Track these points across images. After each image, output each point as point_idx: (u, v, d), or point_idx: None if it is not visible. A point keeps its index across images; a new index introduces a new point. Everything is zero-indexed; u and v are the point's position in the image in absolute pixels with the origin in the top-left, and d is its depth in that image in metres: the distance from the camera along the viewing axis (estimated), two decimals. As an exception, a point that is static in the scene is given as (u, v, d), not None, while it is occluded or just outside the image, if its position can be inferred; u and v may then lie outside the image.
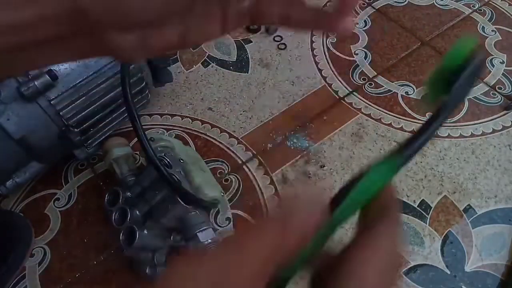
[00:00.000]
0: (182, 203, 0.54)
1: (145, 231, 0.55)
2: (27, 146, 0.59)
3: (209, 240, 0.55)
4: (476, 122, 0.79)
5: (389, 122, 0.79)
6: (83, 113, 0.62)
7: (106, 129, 0.68)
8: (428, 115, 0.20)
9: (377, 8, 1.00)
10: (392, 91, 0.84)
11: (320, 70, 0.87)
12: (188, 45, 0.22)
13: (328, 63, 0.89)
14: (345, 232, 0.24)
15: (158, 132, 0.78)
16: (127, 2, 0.18)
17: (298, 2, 0.22)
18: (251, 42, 0.93)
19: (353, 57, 0.90)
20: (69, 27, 0.19)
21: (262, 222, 0.19)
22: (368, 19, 0.98)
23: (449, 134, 0.77)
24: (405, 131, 0.77)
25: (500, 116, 0.79)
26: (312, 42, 0.93)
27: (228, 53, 0.91)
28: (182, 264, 0.17)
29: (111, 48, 0.20)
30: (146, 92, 0.71)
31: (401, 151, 0.19)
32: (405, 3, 1.01)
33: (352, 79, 0.86)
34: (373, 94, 0.83)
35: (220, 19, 0.22)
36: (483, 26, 0.95)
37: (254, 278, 0.17)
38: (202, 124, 0.79)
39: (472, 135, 0.77)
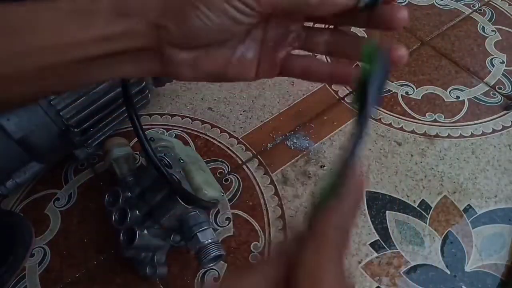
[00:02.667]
0: (182, 203, 0.54)
1: (145, 231, 0.55)
2: (27, 146, 0.59)
3: (209, 240, 0.55)
4: (476, 122, 0.79)
5: (389, 122, 0.79)
6: (83, 113, 0.62)
7: (106, 129, 0.68)
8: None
9: (377, 8, 1.00)
10: (392, 91, 0.84)
11: (320, 70, 0.87)
12: (227, 76, 0.27)
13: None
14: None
15: (158, 132, 0.78)
16: (195, 26, 0.23)
17: (316, 59, 0.27)
18: (251, 42, 0.93)
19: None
20: (146, 41, 0.23)
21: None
22: (368, 19, 0.98)
23: (449, 134, 0.77)
24: (405, 131, 0.77)
25: (500, 116, 0.79)
26: (312, 42, 0.93)
27: (228, 53, 0.91)
28: None
29: (169, 63, 0.25)
30: (146, 92, 0.71)
31: (344, 163, 0.21)
32: (405, 3, 1.01)
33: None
34: (373, 94, 0.83)
35: (256, 64, 0.27)
36: (483, 26, 0.95)
37: None
38: (202, 124, 0.79)
39: (472, 135, 0.77)
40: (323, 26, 0.28)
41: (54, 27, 0.23)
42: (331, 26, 0.28)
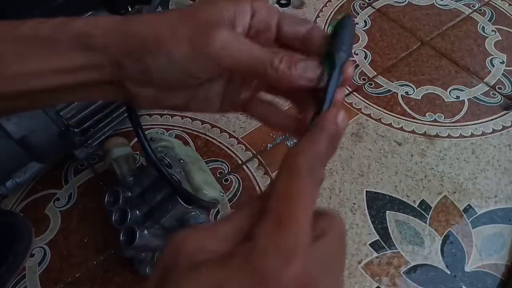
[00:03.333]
0: (182, 203, 0.54)
1: (145, 231, 0.55)
2: (27, 146, 0.59)
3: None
4: (476, 122, 0.79)
5: (389, 122, 0.79)
6: (83, 113, 0.62)
7: (106, 129, 0.68)
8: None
9: (377, 8, 1.00)
10: (392, 91, 0.84)
11: (320, 70, 0.87)
12: (188, 110, 0.27)
13: (328, 63, 0.89)
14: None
15: (158, 132, 0.78)
16: (153, 71, 0.23)
17: (278, 109, 0.27)
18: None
19: (353, 57, 0.90)
20: (107, 75, 0.23)
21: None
22: (368, 19, 0.98)
23: (449, 134, 0.77)
24: (405, 131, 0.77)
25: (500, 116, 0.79)
26: (312, 42, 0.93)
27: (228, 53, 0.91)
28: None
29: (129, 96, 0.25)
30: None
31: (319, 109, 0.22)
32: (405, 3, 1.01)
33: (352, 79, 0.86)
34: (373, 94, 0.83)
35: (219, 102, 0.27)
36: (483, 26, 0.95)
37: None
38: (202, 124, 0.79)
39: (472, 135, 0.77)
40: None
41: (15, 55, 0.23)
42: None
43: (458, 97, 0.82)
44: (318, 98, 0.23)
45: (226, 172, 0.72)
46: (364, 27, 0.96)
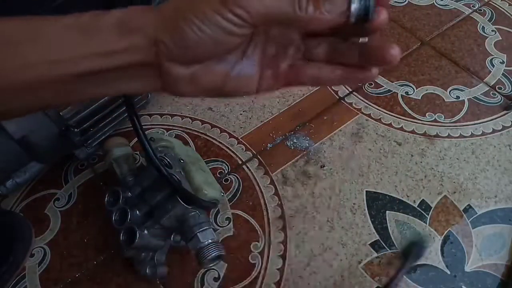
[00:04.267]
0: (182, 203, 0.54)
1: (145, 231, 0.55)
2: (27, 146, 0.59)
3: (210, 241, 0.55)
4: (476, 122, 0.79)
5: (389, 122, 0.79)
6: (83, 113, 0.62)
7: (106, 129, 0.68)
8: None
9: (377, 8, 1.00)
10: (392, 91, 0.84)
11: (320, 70, 0.87)
12: (226, 91, 0.27)
13: (328, 63, 0.89)
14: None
15: (158, 132, 0.78)
16: (190, 39, 0.23)
17: (325, 64, 0.27)
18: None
19: None
20: (146, 56, 0.24)
21: None
22: (368, 19, 0.98)
23: (449, 134, 0.77)
24: (405, 131, 0.77)
25: (500, 116, 0.79)
26: (312, 42, 0.93)
27: (228, 53, 0.91)
28: None
29: (167, 79, 0.25)
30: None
31: None
32: (405, 3, 1.01)
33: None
34: (373, 94, 0.83)
35: (257, 79, 0.27)
36: (483, 26, 0.95)
37: None
38: (202, 124, 0.79)
39: (472, 135, 0.77)
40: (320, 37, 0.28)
41: (56, 41, 0.24)
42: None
43: (458, 97, 0.83)
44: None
45: (226, 172, 0.72)
46: (364, 27, 0.96)
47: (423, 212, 0.67)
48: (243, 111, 0.81)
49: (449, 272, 0.61)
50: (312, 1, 0.23)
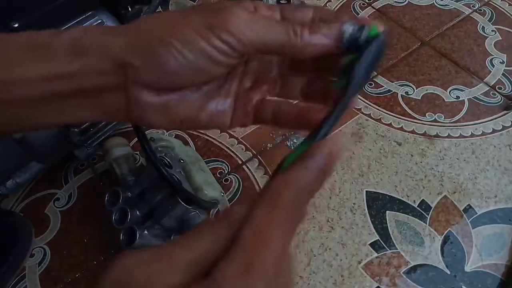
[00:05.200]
0: (182, 203, 0.54)
1: (145, 231, 0.55)
2: (27, 146, 0.59)
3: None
4: (476, 122, 0.79)
5: (389, 122, 0.79)
6: (83, 113, 0.62)
7: (106, 129, 0.68)
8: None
9: (377, 8, 1.00)
10: (392, 91, 0.84)
11: (320, 70, 0.87)
12: (198, 124, 0.24)
13: (328, 63, 0.89)
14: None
15: (158, 132, 0.78)
16: (167, 64, 0.20)
17: (287, 102, 0.25)
18: (251, 42, 0.93)
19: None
20: (109, 80, 0.21)
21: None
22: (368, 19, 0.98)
23: (449, 134, 0.77)
24: (405, 131, 0.77)
25: (500, 116, 0.79)
26: (312, 42, 0.93)
27: (228, 53, 0.91)
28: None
29: (135, 108, 0.22)
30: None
31: (313, 135, 0.20)
32: (405, 3, 1.01)
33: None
34: (373, 94, 0.83)
35: (231, 112, 0.25)
36: (483, 26, 0.95)
37: None
38: (202, 124, 0.79)
39: (472, 135, 0.77)
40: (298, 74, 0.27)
41: (5, 61, 0.21)
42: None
43: (458, 97, 0.83)
44: (348, 73, 0.21)
45: (226, 172, 0.72)
46: (364, 27, 0.96)
47: (423, 212, 0.67)
48: (243, 111, 0.81)
49: (449, 272, 0.61)
50: (306, 27, 0.21)
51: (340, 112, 0.21)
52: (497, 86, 0.84)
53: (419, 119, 0.79)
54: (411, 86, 0.84)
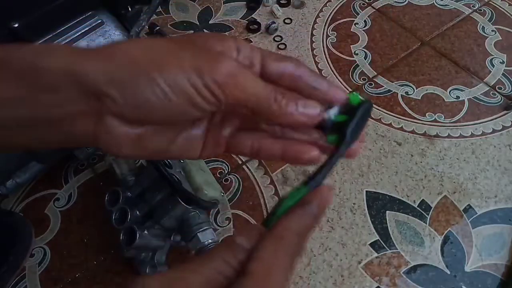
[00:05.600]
0: (182, 203, 0.54)
1: (145, 231, 0.55)
2: (27, 146, 0.59)
3: (210, 241, 0.55)
4: (476, 122, 0.79)
5: (389, 122, 0.79)
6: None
7: (106, 129, 0.68)
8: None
9: (377, 8, 1.00)
10: (392, 91, 0.84)
11: (320, 70, 0.87)
12: (168, 155, 0.24)
13: (328, 63, 0.89)
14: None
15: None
16: (148, 101, 0.20)
17: (267, 136, 0.25)
18: (251, 42, 0.93)
19: (353, 57, 0.90)
20: (75, 107, 0.20)
21: None
22: (368, 19, 0.98)
23: (449, 134, 0.77)
24: (405, 131, 0.77)
25: (500, 116, 0.79)
26: (312, 42, 0.93)
27: (228, 53, 0.91)
28: None
29: (106, 137, 0.21)
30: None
31: (307, 182, 0.22)
32: (405, 3, 1.01)
33: (352, 79, 0.86)
34: (373, 94, 0.83)
35: (201, 145, 0.25)
36: (483, 26, 0.95)
37: None
38: (202, 124, 0.79)
39: (472, 135, 0.77)
40: None
41: None
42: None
43: (458, 97, 0.83)
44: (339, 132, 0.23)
45: (226, 172, 0.72)
46: (364, 27, 0.96)
47: (423, 212, 0.67)
48: (243, 111, 0.81)
49: (449, 272, 0.61)
50: (288, 98, 0.22)
51: (334, 163, 0.23)
52: (497, 86, 0.84)
53: (419, 119, 0.79)
54: (411, 86, 0.84)
